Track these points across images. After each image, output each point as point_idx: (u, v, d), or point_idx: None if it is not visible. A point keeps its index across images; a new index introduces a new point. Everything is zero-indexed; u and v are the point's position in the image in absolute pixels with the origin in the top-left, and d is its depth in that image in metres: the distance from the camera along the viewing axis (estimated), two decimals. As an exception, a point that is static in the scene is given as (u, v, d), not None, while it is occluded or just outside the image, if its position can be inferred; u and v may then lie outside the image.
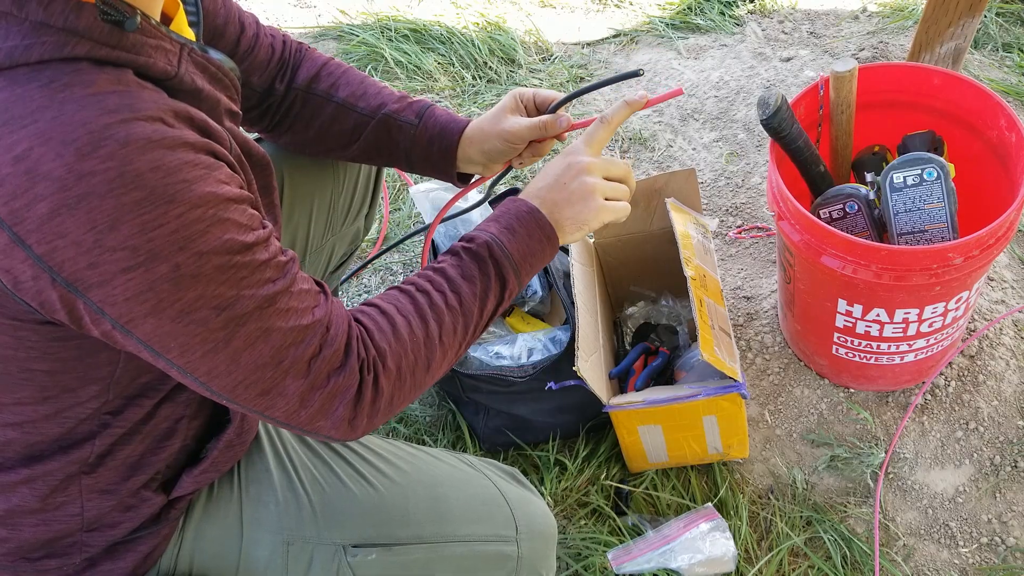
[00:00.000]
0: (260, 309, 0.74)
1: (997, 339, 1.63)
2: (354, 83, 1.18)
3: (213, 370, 0.74)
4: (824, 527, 1.43)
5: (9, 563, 0.87)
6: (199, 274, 0.69)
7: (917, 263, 1.23)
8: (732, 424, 1.38)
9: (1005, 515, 1.44)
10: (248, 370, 0.75)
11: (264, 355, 0.75)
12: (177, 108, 0.71)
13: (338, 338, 0.80)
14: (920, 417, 1.55)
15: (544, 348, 1.49)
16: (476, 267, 0.93)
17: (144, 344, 0.71)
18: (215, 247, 0.69)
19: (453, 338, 0.90)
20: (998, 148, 1.41)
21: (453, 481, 1.05)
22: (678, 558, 1.36)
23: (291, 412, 0.79)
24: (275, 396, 0.77)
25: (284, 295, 0.76)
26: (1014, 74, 2.18)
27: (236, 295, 0.72)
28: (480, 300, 0.92)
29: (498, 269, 0.93)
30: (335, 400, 0.80)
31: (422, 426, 1.64)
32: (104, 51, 0.68)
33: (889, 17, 2.40)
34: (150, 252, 0.66)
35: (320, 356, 0.78)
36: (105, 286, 0.67)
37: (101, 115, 0.64)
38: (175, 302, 0.69)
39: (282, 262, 0.77)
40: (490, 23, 2.58)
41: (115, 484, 0.88)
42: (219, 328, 0.72)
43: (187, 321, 0.70)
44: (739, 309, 1.76)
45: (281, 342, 0.75)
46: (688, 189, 1.53)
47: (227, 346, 0.73)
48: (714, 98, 2.26)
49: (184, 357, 0.72)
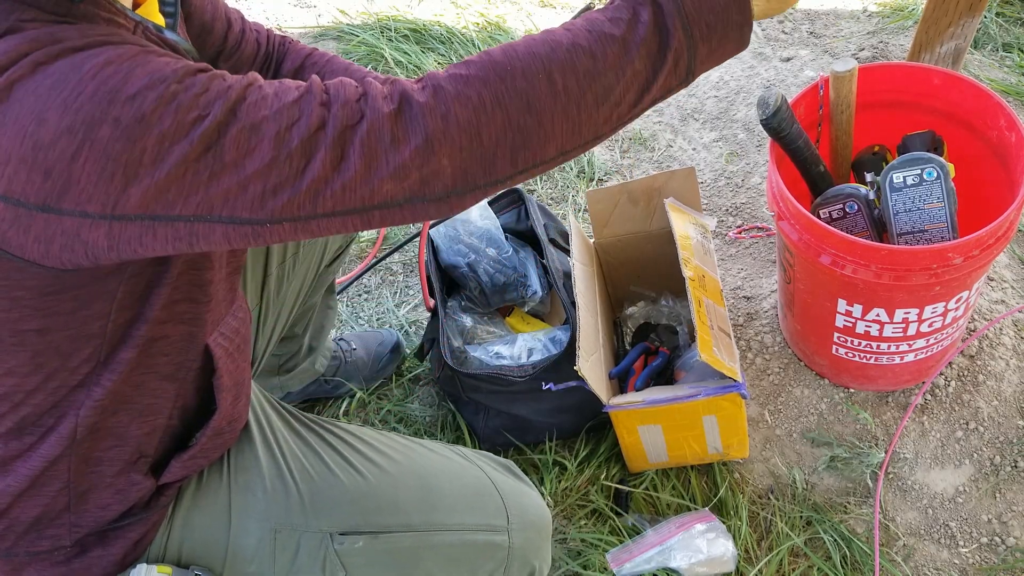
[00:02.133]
0: (231, 112, 0.66)
1: (997, 339, 1.63)
2: (339, 70, 1.18)
3: (230, 197, 0.67)
4: (824, 527, 1.43)
5: (2, 546, 0.88)
6: (142, 116, 0.64)
7: (917, 263, 1.23)
8: (732, 424, 1.38)
9: (1005, 515, 1.44)
10: (263, 175, 0.67)
11: (267, 151, 0.66)
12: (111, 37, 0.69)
13: (344, 93, 0.69)
14: (920, 417, 1.55)
15: (544, 348, 1.49)
16: (627, 5, 0.72)
17: (147, 218, 0.66)
18: (145, 84, 0.64)
19: (572, 77, 0.69)
20: (998, 148, 1.41)
21: (444, 471, 1.05)
22: (677, 557, 1.36)
23: (348, 195, 0.68)
24: (313, 189, 0.67)
25: (252, 89, 0.68)
26: (1014, 74, 2.18)
27: (197, 115, 0.65)
28: (622, 46, 0.70)
29: (659, 18, 0.71)
30: (379, 144, 0.67)
31: (422, 426, 1.64)
32: (51, 19, 0.68)
33: (889, 17, 2.40)
34: (84, 122, 0.63)
35: (331, 116, 0.68)
36: (71, 187, 0.64)
37: (22, 44, 0.65)
38: (141, 156, 0.64)
39: (237, 77, 0.69)
40: (490, 23, 2.58)
41: (100, 451, 0.88)
42: (201, 153, 0.65)
43: (166, 166, 0.65)
44: (739, 309, 1.76)
45: (277, 127, 0.67)
46: (688, 189, 1.53)
47: (222, 164, 0.66)
48: (714, 98, 2.26)
49: (192, 203, 0.66)
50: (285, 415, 1.10)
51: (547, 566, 1.12)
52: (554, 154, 0.72)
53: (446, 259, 1.61)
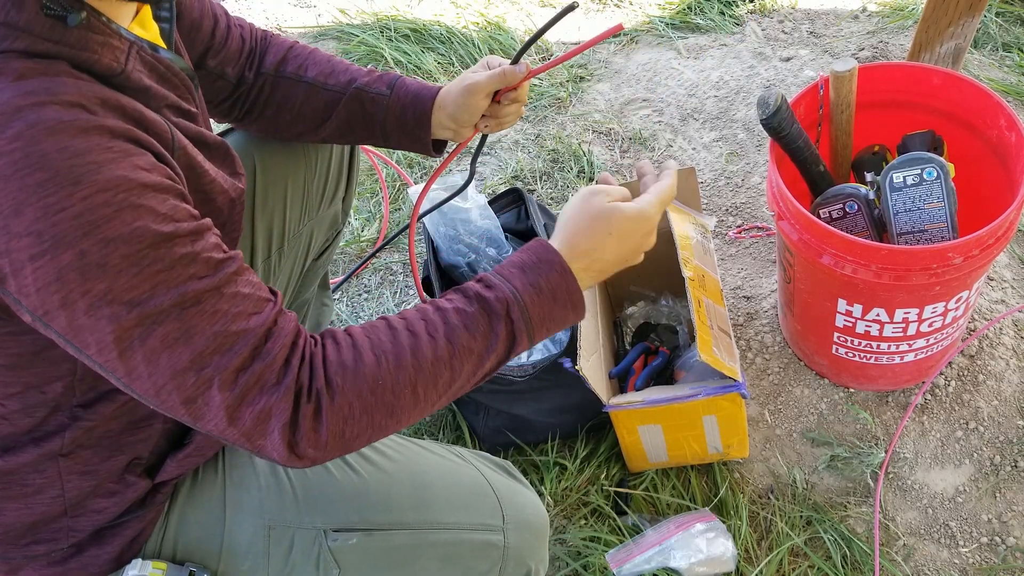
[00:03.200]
0: (179, 308, 0.69)
1: (997, 339, 1.63)
2: (322, 62, 1.19)
3: (132, 371, 0.70)
4: (824, 527, 1.43)
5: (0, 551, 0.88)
6: (106, 264, 0.65)
7: (917, 263, 1.23)
8: (732, 424, 1.38)
9: (1005, 515, 1.44)
10: (168, 375, 0.70)
11: (183, 359, 0.69)
12: (106, 96, 0.69)
13: (275, 352, 0.73)
14: (920, 417, 1.55)
15: (544, 348, 1.49)
16: (485, 321, 0.83)
17: (63, 338, 0.69)
18: (124, 234, 0.66)
19: (432, 390, 0.81)
20: (998, 148, 1.41)
21: (439, 470, 1.05)
22: (677, 557, 1.36)
23: (222, 427, 0.73)
24: (201, 407, 0.72)
25: (212, 295, 0.71)
26: (1014, 74, 2.18)
27: (150, 290, 0.67)
28: (478, 358, 0.83)
29: (511, 330, 0.84)
30: (268, 422, 0.73)
31: (422, 426, 1.64)
32: (45, 46, 0.67)
33: (889, 17, 2.40)
34: (55, 238, 0.64)
35: (250, 369, 0.72)
36: (17, 275, 0.65)
37: (16, 97, 0.64)
38: (84, 293, 0.66)
39: (215, 259, 0.72)
40: (490, 23, 2.58)
41: (94, 465, 0.88)
42: (133, 325, 0.67)
43: (98, 316, 0.66)
44: (739, 309, 1.76)
45: (204, 347, 0.70)
46: (688, 188, 1.53)
47: (143, 345, 0.68)
48: (714, 98, 2.26)
49: (102, 355, 0.69)
50: None
51: (544, 567, 1.12)
52: (400, 429, 0.83)
53: (446, 259, 1.61)
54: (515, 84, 1.13)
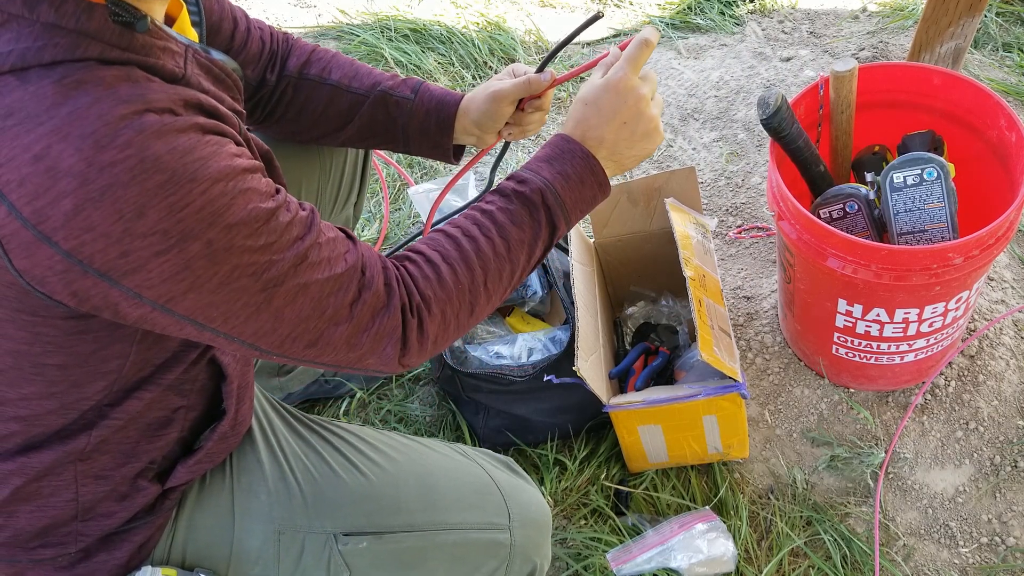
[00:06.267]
0: (294, 267, 0.76)
1: (997, 339, 1.63)
2: (345, 65, 1.20)
3: (259, 330, 0.76)
4: (824, 527, 1.43)
5: (5, 553, 0.88)
6: (231, 246, 0.71)
7: (917, 263, 1.23)
8: (732, 424, 1.38)
9: (1005, 515, 1.44)
10: (293, 324, 0.77)
11: (306, 308, 0.77)
12: (187, 96, 0.72)
13: (375, 279, 0.83)
14: (920, 417, 1.55)
15: (544, 348, 1.49)
16: (527, 213, 0.92)
17: (187, 319, 0.73)
18: (242, 218, 0.71)
19: (499, 284, 0.92)
20: (998, 148, 1.41)
21: (445, 470, 1.05)
22: (678, 557, 1.36)
23: (341, 356, 0.82)
24: (323, 345, 0.80)
25: (314, 248, 0.78)
26: (1014, 74, 2.18)
27: (269, 259, 0.74)
28: (528, 247, 0.93)
29: (550, 216, 0.93)
30: (382, 341, 0.83)
31: (422, 426, 1.64)
32: (115, 53, 0.69)
33: (889, 17, 2.40)
34: (181, 233, 0.68)
35: (360, 300, 0.81)
36: (140, 272, 0.68)
37: (115, 106, 0.65)
38: (212, 276, 0.71)
39: (303, 217, 0.78)
40: (490, 23, 2.58)
41: (110, 471, 0.88)
42: (258, 291, 0.74)
43: (227, 291, 0.72)
44: (739, 309, 1.76)
45: (320, 292, 0.78)
46: (688, 188, 1.53)
47: (269, 306, 0.75)
48: (714, 98, 2.26)
49: (229, 324, 0.75)
50: (286, 416, 1.10)
51: (547, 563, 1.12)
52: (489, 313, 0.95)
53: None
54: (540, 92, 1.13)
